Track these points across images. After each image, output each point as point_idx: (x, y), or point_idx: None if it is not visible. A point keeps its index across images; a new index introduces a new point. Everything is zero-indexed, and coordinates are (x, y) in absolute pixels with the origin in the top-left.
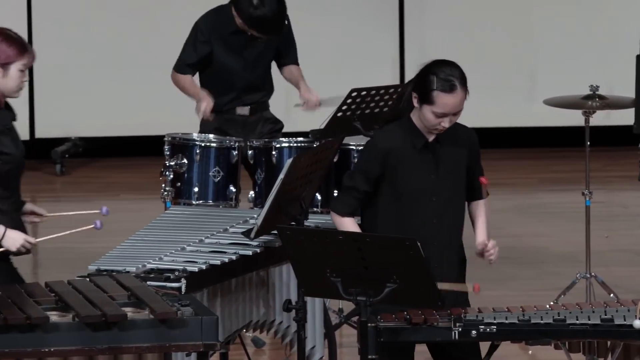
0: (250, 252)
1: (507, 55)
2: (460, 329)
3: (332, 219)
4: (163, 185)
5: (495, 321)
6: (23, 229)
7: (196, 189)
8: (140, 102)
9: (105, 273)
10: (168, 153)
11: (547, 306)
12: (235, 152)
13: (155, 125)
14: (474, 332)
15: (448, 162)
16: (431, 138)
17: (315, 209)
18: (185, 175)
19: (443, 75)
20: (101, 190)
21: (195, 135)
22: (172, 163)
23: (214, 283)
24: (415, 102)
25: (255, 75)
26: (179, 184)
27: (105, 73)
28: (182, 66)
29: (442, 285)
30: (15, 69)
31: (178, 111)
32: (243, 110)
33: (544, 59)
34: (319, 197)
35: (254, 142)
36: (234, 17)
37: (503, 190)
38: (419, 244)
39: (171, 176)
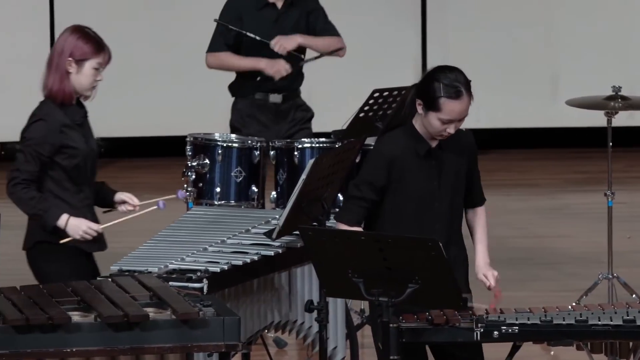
0: (272, 253)
1: (529, 56)
2: (482, 330)
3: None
4: (185, 185)
5: (517, 322)
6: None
7: (218, 189)
8: (162, 102)
9: (127, 273)
10: (190, 153)
11: (569, 307)
12: (257, 152)
13: (177, 125)
14: (496, 332)
15: (450, 168)
16: (434, 144)
17: (337, 210)
18: (207, 175)
19: (448, 81)
20: (123, 191)
21: (217, 136)
22: (194, 163)
23: (236, 283)
24: (419, 109)
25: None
26: (201, 184)
27: (127, 74)
28: (216, 45)
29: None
30: (89, 66)
31: (200, 111)
32: (276, 98)
33: (566, 59)
34: (340, 197)
35: (276, 142)
36: None
37: (525, 191)
38: (441, 244)
39: (193, 176)
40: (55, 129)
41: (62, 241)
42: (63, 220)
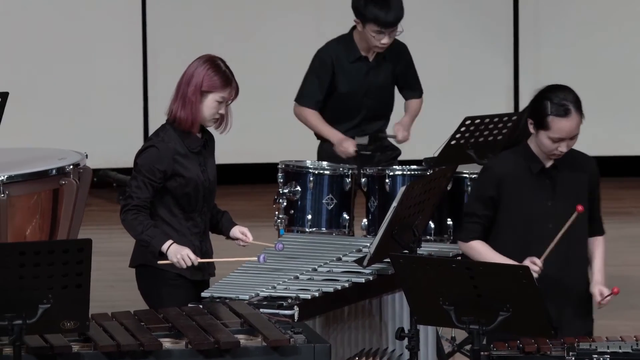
0: (363, 280)
1: (622, 84)
2: (573, 358)
3: (461, 250)
4: (276, 212)
5: (608, 350)
6: (199, 253)
7: (309, 217)
8: (253, 129)
9: (218, 300)
10: (282, 180)
11: None
12: (348, 180)
13: (269, 152)
14: None
15: (566, 188)
16: (548, 164)
17: (428, 237)
18: (299, 202)
19: (557, 100)
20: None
21: (308, 163)
22: (286, 190)
23: (327, 311)
24: (531, 129)
25: (377, 103)
26: (293, 211)
27: None
28: (307, 100)
29: None
30: (212, 98)
31: (291, 139)
32: (362, 140)
33: None
34: (432, 225)
35: (367, 169)
36: (355, 45)
37: (618, 219)
38: (532, 272)
39: (284, 204)
40: (167, 156)
41: (160, 262)
42: (167, 245)
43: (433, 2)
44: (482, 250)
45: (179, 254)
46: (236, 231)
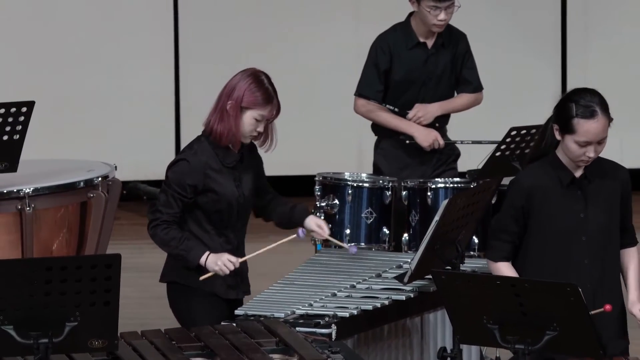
0: (403, 297)
1: None
2: None
3: (488, 267)
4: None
5: None
6: (232, 271)
7: (348, 231)
8: (290, 140)
9: (252, 318)
10: (319, 193)
11: None
12: (388, 193)
13: (306, 164)
14: None
15: (598, 199)
16: (578, 173)
17: (472, 253)
18: (337, 216)
19: (583, 102)
20: (250, 232)
21: (347, 175)
22: (323, 204)
23: (366, 329)
24: (557, 135)
25: (435, 95)
26: (330, 225)
27: None
28: (368, 90)
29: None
30: (250, 115)
31: (329, 150)
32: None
33: None
34: (475, 240)
35: (409, 182)
36: (412, 31)
37: None
38: (580, 290)
39: (322, 217)
40: (197, 171)
41: (202, 278)
42: (204, 258)
43: (476, 5)
44: (507, 275)
45: (218, 261)
46: (311, 223)
